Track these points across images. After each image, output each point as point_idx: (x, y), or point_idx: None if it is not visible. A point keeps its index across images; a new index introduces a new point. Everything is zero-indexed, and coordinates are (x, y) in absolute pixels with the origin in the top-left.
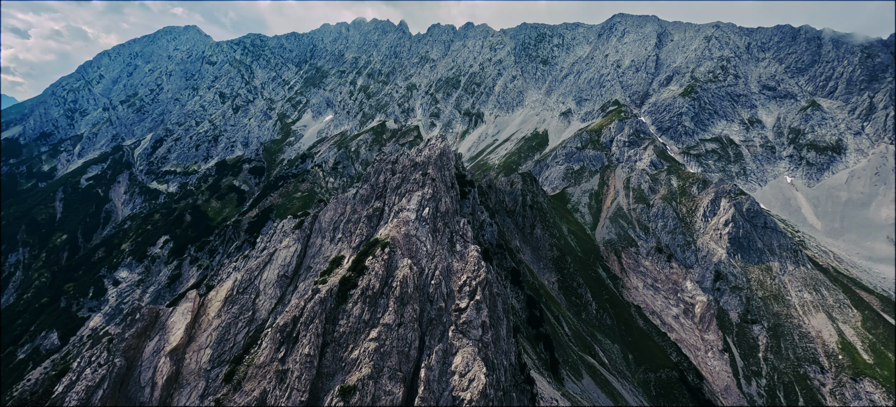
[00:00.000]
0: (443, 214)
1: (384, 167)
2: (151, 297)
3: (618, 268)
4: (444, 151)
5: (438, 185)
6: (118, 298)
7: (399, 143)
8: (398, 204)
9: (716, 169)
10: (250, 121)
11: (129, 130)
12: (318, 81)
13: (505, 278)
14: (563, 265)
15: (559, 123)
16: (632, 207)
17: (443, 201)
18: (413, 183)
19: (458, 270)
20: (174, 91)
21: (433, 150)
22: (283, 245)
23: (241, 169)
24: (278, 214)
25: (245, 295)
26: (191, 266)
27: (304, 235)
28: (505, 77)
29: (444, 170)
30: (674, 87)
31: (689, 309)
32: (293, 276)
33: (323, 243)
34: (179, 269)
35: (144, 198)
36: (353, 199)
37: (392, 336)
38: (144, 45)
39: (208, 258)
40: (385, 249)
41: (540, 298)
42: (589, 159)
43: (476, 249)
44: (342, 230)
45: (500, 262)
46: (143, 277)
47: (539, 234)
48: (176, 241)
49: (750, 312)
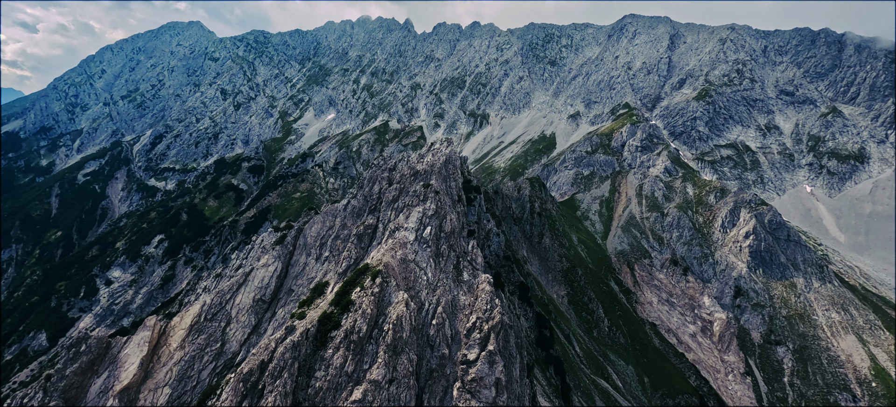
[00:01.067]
0: (447, 234)
1: (379, 175)
2: (144, 298)
3: (631, 281)
4: (450, 158)
5: (443, 198)
6: (110, 298)
7: (402, 143)
8: (394, 221)
9: (731, 177)
10: (251, 118)
11: (130, 126)
12: (320, 79)
13: (512, 294)
14: (573, 278)
15: (567, 126)
16: (645, 216)
17: (448, 219)
18: (413, 196)
19: (466, 305)
20: (176, 87)
21: (437, 156)
22: (262, 263)
23: (239, 167)
24: (276, 214)
25: (214, 322)
26: (185, 267)
27: (285, 252)
28: (511, 78)
29: (449, 180)
30: (687, 90)
31: (707, 327)
32: (272, 300)
33: (307, 262)
34: (173, 269)
35: (142, 195)
36: (342, 211)
37: (381, 397)
38: (148, 41)
39: (203, 259)
40: (376, 278)
41: (549, 314)
42: (599, 164)
43: (488, 280)
44: (330, 247)
45: (508, 275)
46: (135, 278)
47: (548, 243)
48: (171, 240)
49: (773, 332)
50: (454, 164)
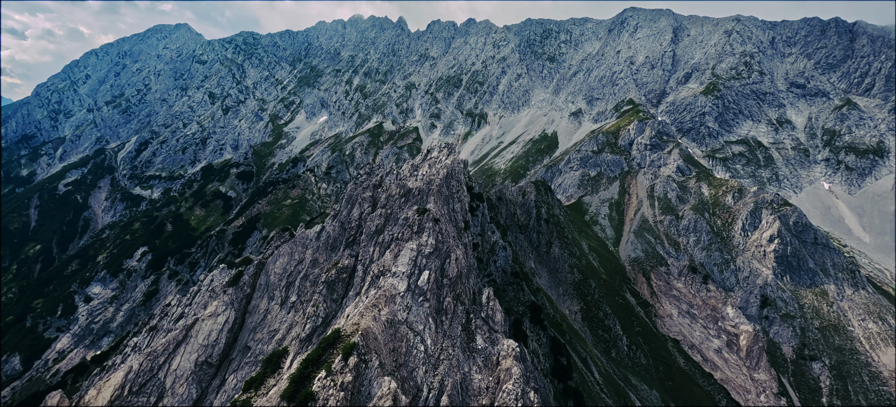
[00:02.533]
0: (452, 280)
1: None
2: (125, 315)
3: (647, 291)
4: (453, 171)
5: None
6: (89, 316)
7: (397, 145)
8: (379, 261)
9: (745, 174)
10: (241, 122)
11: (114, 133)
12: (312, 81)
13: (522, 315)
14: (586, 291)
15: (569, 124)
16: (658, 219)
17: (452, 258)
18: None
19: (482, 389)
20: (162, 91)
21: (436, 169)
22: (209, 312)
23: (228, 174)
24: (266, 223)
25: (141, 398)
26: (169, 281)
27: (241, 297)
28: (509, 75)
29: (452, 201)
30: (693, 84)
31: (732, 341)
32: (221, 362)
33: (270, 309)
34: (157, 284)
35: (126, 204)
36: (314, 241)
37: None
38: (134, 44)
39: (189, 272)
40: (349, 356)
41: (563, 335)
42: (606, 164)
43: (513, 351)
44: (298, 289)
45: (517, 294)
46: (116, 294)
47: (557, 253)
48: (155, 252)
49: (806, 345)
50: (458, 180)
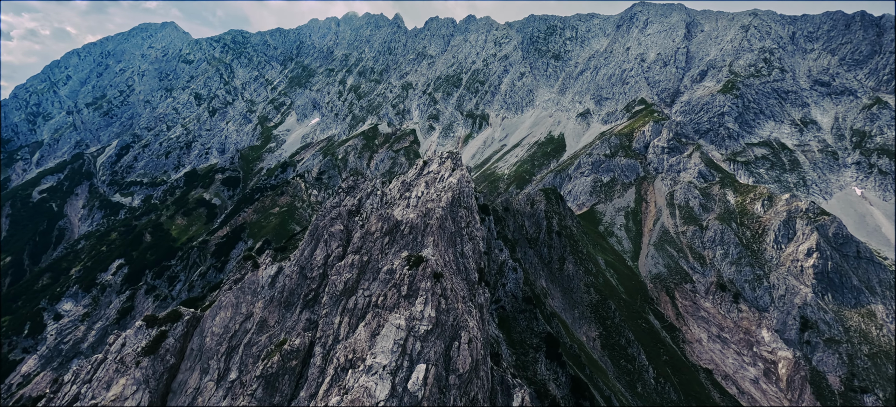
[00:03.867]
0: (463, 377)
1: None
2: (97, 335)
3: (672, 312)
4: (461, 193)
5: (451, 287)
6: (58, 336)
7: (393, 148)
8: (347, 343)
9: (769, 179)
10: (228, 125)
11: (95, 136)
12: (304, 81)
13: (537, 349)
14: (606, 313)
15: (577, 126)
16: (680, 230)
17: (463, 341)
18: (386, 283)
19: None
20: (146, 93)
21: (437, 191)
22: (112, 395)
23: (212, 179)
24: (252, 232)
25: None
26: (146, 297)
27: (161, 370)
28: (512, 74)
29: (461, 241)
30: (709, 82)
31: (770, 369)
32: None
33: (202, 387)
34: (132, 300)
35: (104, 212)
36: (266, 290)
37: None
38: (118, 43)
39: (167, 287)
40: None
41: (583, 369)
42: (621, 169)
43: None
44: (240, 361)
45: (530, 324)
46: (89, 311)
47: (571, 270)
48: (132, 265)
49: (856, 375)
50: (468, 206)
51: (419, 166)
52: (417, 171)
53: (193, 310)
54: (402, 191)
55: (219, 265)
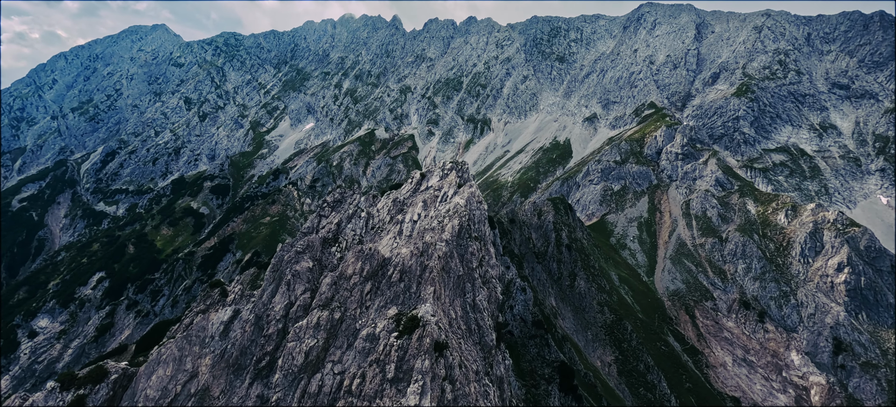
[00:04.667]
0: None
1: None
2: (73, 354)
3: (693, 333)
4: (471, 218)
5: (459, 359)
6: (32, 355)
7: (390, 155)
8: None
9: (789, 187)
10: (219, 130)
11: (80, 142)
12: (298, 85)
13: (549, 379)
14: (621, 335)
15: (583, 131)
16: (698, 243)
17: None
18: (365, 353)
19: None
20: (134, 97)
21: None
22: None
23: (201, 187)
24: (240, 243)
25: None
26: (127, 313)
27: None
28: (515, 77)
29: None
30: (722, 85)
31: (802, 397)
32: None
33: None
34: (112, 317)
35: (87, 222)
36: (218, 340)
37: None
38: (107, 46)
39: (150, 302)
40: None
41: (599, 400)
42: (632, 177)
43: None
44: None
45: (540, 351)
46: (66, 328)
47: (582, 287)
48: (113, 279)
49: None
50: (481, 235)
51: (415, 180)
52: (413, 186)
53: (124, 365)
54: (394, 212)
55: (205, 278)
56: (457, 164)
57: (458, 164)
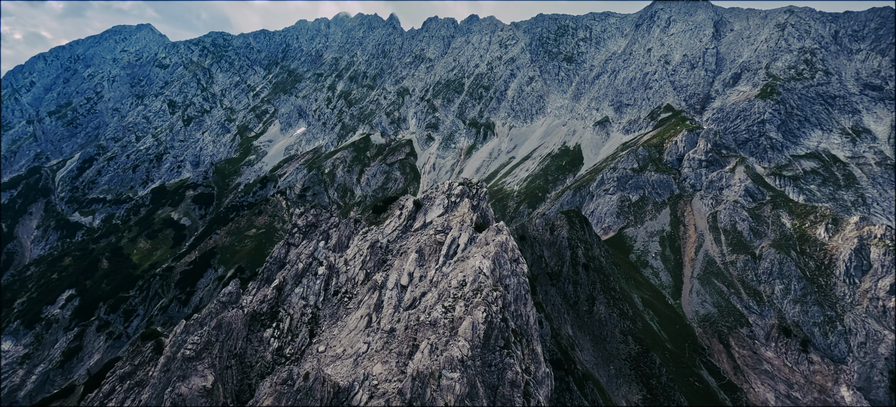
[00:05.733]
0: None
1: (175, 386)
2: (37, 380)
3: (729, 365)
4: (507, 295)
5: None
6: None
7: (387, 161)
8: None
9: (822, 196)
10: (204, 135)
11: (57, 148)
12: (289, 87)
13: None
14: (649, 369)
15: (594, 136)
16: (729, 261)
17: None
18: None
19: None
20: (115, 100)
21: (454, 293)
22: None
23: (183, 197)
24: (223, 258)
25: None
26: (98, 335)
27: None
28: (519, 78)
29: None
30: (744, 87)
31: None
32: None
33: None
34: (81, 340)
35: (61, 234)
36: None
37: None
38: (89, 47)
39: (123, 323)
40: None
41: None
42: (651, 186)
43: None
44: None
45: (560, 396)
46: (30, 351)
47: (603, 313)
48: (84, 296)
49: None
50: (527, 330)
51: (407, 212)
52: (403, 221)
53: None
54: (372, 265)
55: (183, 297)
56: (469, 185)
57: (469, 186)
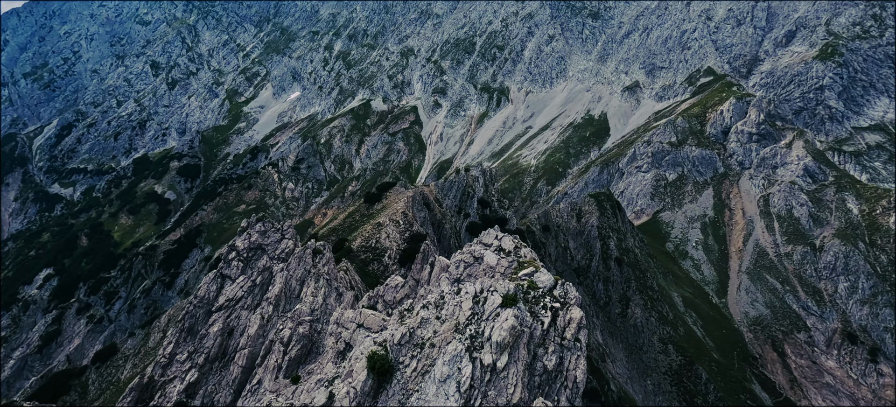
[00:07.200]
0: None
1: None
2: (15, 366)
3: (784, 377)
4: None
5: None
6: None
7: (389, 130)
8: None
9: (888, 176)
10: (190, 100)
11: (34, 113)
12: (282, 47)
13: None
14: (693, 385)
15: (622, 102)
16: (784, 252)
17: None
18: None
19: None
20: (95, 60)
21: None
22: None
23: (167, 168)
24: (209, 237)
25: None
26: (78, 318)
27: None
28: (538, 37)
29: None
30: (799, 47)
31: None
32: None
33: None
34: (59, 323)
35: (40, 207)
36: None
37: None
38: (64, 1)
39: (104, 306)
40: None
41: None
42: (692, 163)
43: None
44: None
45: None
46: (8, 334)
47: (639, 317)
48: (63, 276)
49: None
50: None
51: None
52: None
53: None
54: None
55: (167, 279)
56: (528, 267)
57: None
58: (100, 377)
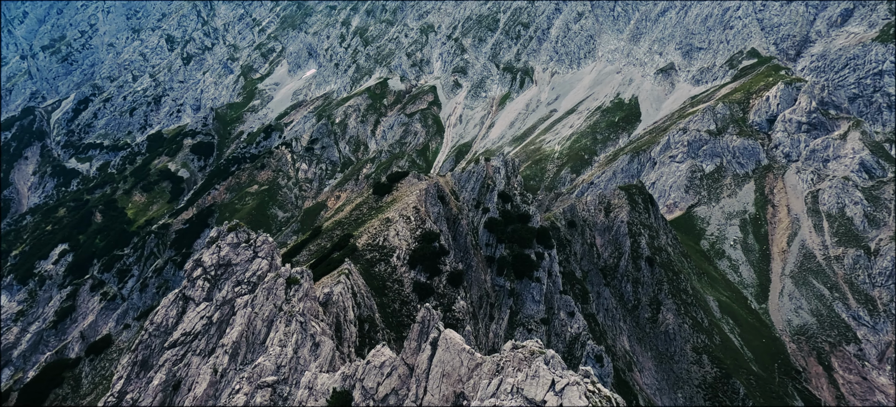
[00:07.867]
0: None
1: None
2: (31, 340)
3: (830, 394)
4: None
5: None
6: None
7: (406, 111)
8: None
9: None
10: (205, 76)
11: (53, 86)
12: (299, 22)
13: None
14: (730, 400)
15: (656, 86)
16: (833, 255)
17: None
18: None
19: None
20: (111, 34)
21: None
22: None
23: (180, 145)
24: (221, 217)
25: None
26: (92, 295)
27: None
28: (566, 14)
29: None
30: (856, 27)
31: None
32: None
33: None
34: (74, 299)
35: (57, 181)
36: None
37: None
38: None
39: (117, 284)
40: None
41: None
42: (732, 153)
43: None
44: None
45: None
46: (24, 308)
47: (671, 323)
48: (78, 252)
49: None
50: None
51: None
52: None
53: None
54: None
55: (178, 259)
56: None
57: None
58: (93, 370)
